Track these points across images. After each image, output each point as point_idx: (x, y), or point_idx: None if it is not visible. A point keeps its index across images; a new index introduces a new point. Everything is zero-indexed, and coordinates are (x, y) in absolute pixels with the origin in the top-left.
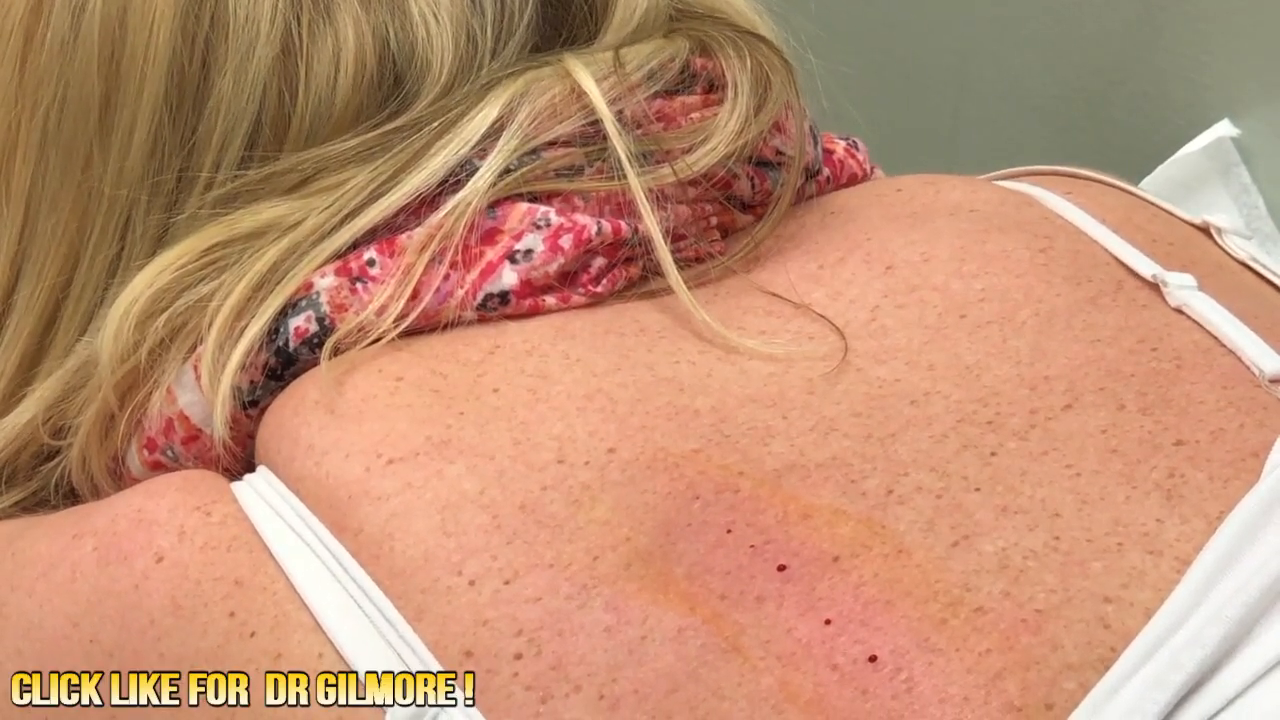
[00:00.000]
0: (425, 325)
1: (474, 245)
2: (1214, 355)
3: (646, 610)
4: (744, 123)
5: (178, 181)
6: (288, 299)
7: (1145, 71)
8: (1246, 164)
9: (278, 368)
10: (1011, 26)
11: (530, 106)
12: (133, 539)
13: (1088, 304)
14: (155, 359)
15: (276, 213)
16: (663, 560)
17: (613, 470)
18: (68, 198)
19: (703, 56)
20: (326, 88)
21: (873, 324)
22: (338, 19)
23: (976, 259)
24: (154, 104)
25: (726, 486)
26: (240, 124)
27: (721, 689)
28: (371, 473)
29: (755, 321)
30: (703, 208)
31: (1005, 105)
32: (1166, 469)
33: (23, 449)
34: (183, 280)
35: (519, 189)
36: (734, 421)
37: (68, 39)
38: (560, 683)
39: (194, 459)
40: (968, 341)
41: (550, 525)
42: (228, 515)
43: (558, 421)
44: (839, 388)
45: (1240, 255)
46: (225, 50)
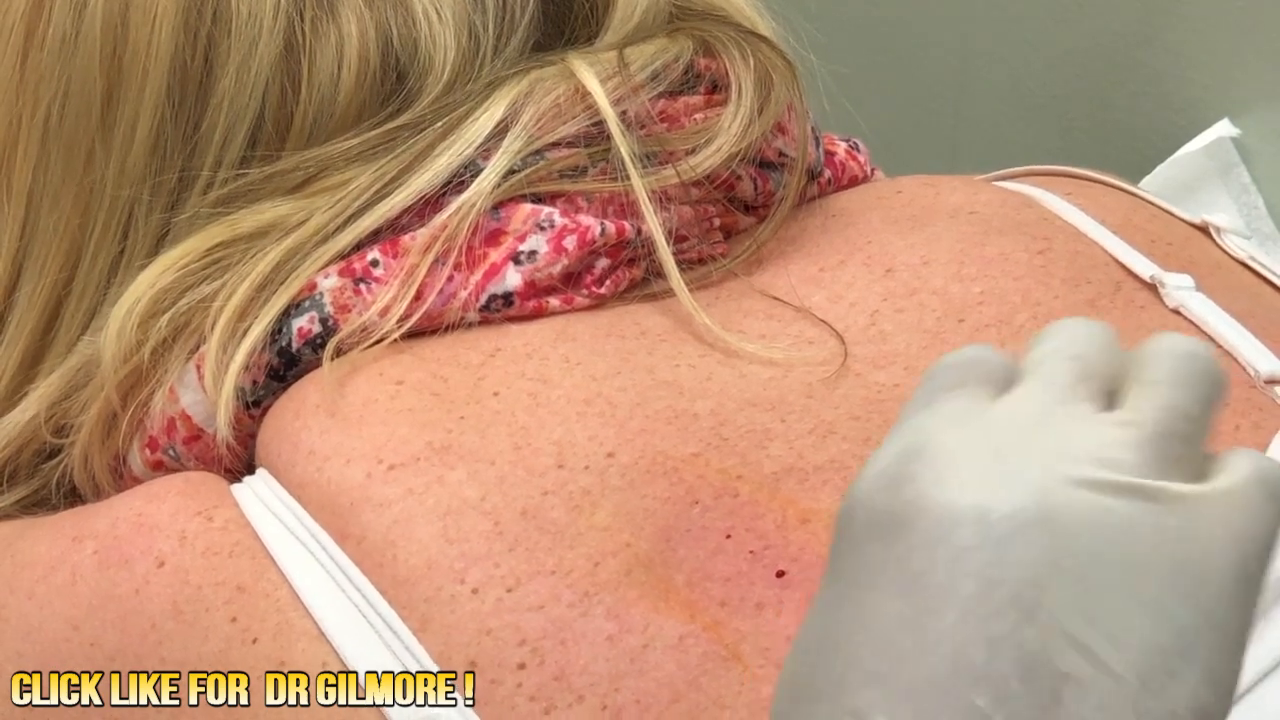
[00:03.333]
0: (428, 326)
1: (478, 246)
2: None
3: (648, 618)
4: (747, 124)
5: (180, 179)
6: (291, 299)
7: (1145, 71)
8: (1246, 164)
9: (280, 368)
10: (1011, 26)
11: (535, 107)
12: (134, 543)
13: (1086, 306)
14: (158, 358)
15: (279, 212)
16: (663, 566)
17: (612, 475)
18: (69, 194)
19: (706, 57)
20: (329, 84)
21: (872, 328)
22: (341, 15)
23: (976, 262)
24: (156, 100)
25: (725, 491)
26: (243, 121)
27: (722, 698)
28: (373, 479)
29: (756, 325)
30: (706, 209)
31: (1005, 105)
32: None
33: (24, 447)
34: (186, 280)
35: (523, 190)
36: (733, 425)
37: (69, 35)
38: (563, 693)
39: (195, 459)
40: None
41: (551, 531)
42: (229, 520)
43: (557, 426)
44: (838, 392)
45: (1239, 254)
46: (228, 46)
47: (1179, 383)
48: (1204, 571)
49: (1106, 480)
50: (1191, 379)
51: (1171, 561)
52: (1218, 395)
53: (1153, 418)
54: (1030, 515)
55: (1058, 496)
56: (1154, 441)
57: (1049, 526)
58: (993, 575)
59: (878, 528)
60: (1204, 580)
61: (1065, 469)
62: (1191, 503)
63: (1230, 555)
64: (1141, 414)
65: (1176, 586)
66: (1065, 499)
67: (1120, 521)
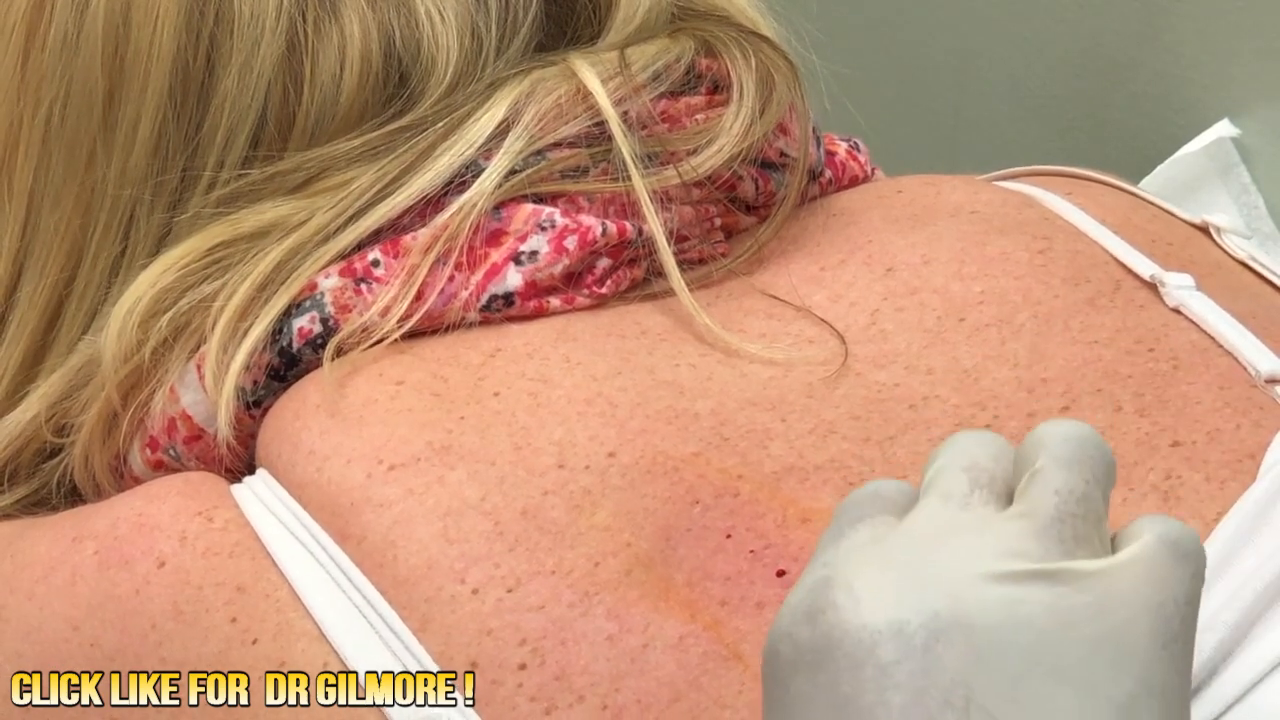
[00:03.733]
0: (429, 326)
1: (479, 246)
2: (1211, 355)
3: (648, 618)
4: (749, 125)
5: (181, 179)
6: (292, 299)
7: (1145, 71)
8: (1246, 164)
9: (281, 368)
10: (1011, 26)
11: (536, 107)
12: (134, 543)
13: (1086, 305)
14: (158, 358)
15: (280, 212)
16: (663, 566)
17: (613, 475)
18: (70, 194)
19: (708, 57)
20: (331, 85)
21: (872, 328)
22: (343, 16)
23: (976, 261)
24: (158, 101)
25: (726, 490)
26: (245, 121)
27: (722, 697)
28: (373, 479)
29: (756, 324)
30: (707, 209)
31: (1005, 105)
32: (1163, 470)
33: (25, 447)
34: (186, 279)
35: (524, 190)
36: (733, 424)
37: (71, 35)
38: (564, 693)
39: (196, 459)
40: (966, 345)
41: (552, 531)
42: (229, 521)
43: (558, 426)
44: (838, 391)
45: (1239, 254)
46: (230, 47)
47: (1064, 465)
48: (1128, 642)
49: (1012, 571)
50: (1076, 460)
51: (1092, 638)
52: (1105, 471)
53: (1045, 505)
54: (946, 619)
55: (969, 596)
56: (1051, 527)
57: (965, 626)
58: (920, 684)
59: (803, 661)
60: (1130, 651)
61: (972, 570)
62: (1100, 578)
63: (1150, 622)
64: (1034, 503)
65: (1103, 661)
66: (976, 597)
67: (1033, 608)
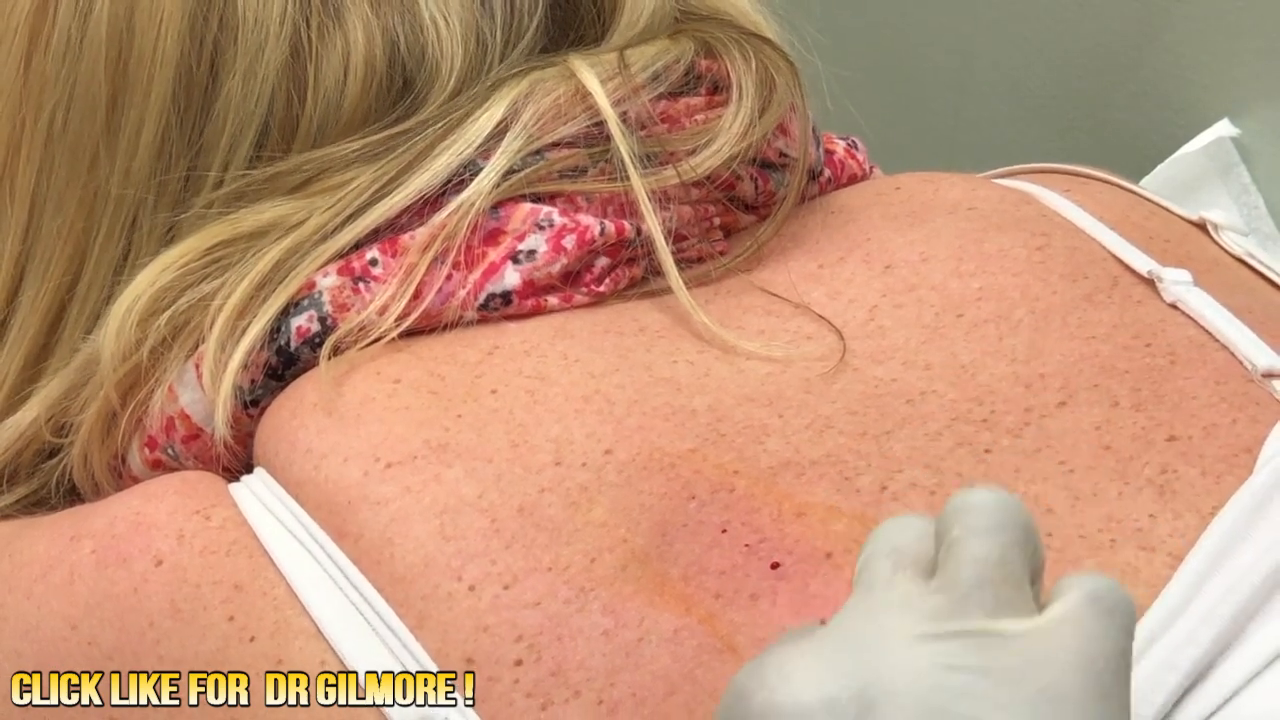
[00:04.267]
0: (427, 325)
1: (477, 245)
2: (1207, 350)
3: (643, 612)
4: (748, 125)
5: (184, 182)
6: (290, 298)
7: (1145, 71)
8: (1246, 164)
9: (279, 367)
10: (1011, 26)
11: (535, 107)
12: (131, 542)
13: (1083, 301)
14: (157, 357)
15: (279, 212)
16: (659, 561)
17: (609, 471)
18: (73, 198)
19: (707, 58)
20: (335, 91)
21: (870, 324)
22: (347, 21)
23: (974, 258)
24: (161, 106)
25: (722, 485)
26: (248, 126)
27: (717, 690)
28: (370, 477)
29: (754, 321)
30: (706, 209)
31: (1005, 105)
32: (1159, 465)
33: (25, 448)
34: (185, 279)
35: (522, 190)
36: (730, 420)
37: (74, 40)
38: (560, 688)
39: (194, 458)
40: (964, 340)
41: (548, 528)
42: (227, 519)
43: (555, 423)
44: (835, 387)
45: (1236, 250)
46: (234, 52)
47: (979, 533)
48: (1060, 699)
49: (937, 632)
50: (990, 527)
51: (1024, 697)
52: (1023, 534)
53: (964, 574)
54: (877, 689)
55: (898, 666)
56: (972, 594)
57: (896, 695)
58: None
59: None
60: (1063, 708)
61: (898, 642)
62: (1027, 638)
63: (1081, 678)
64: (953, 574)
65: None
66: (906, 666)
67: (962, 674)
